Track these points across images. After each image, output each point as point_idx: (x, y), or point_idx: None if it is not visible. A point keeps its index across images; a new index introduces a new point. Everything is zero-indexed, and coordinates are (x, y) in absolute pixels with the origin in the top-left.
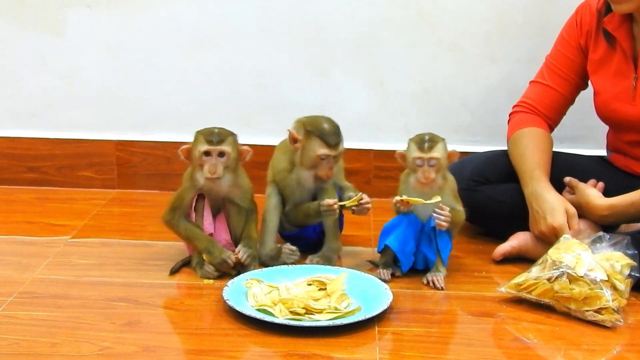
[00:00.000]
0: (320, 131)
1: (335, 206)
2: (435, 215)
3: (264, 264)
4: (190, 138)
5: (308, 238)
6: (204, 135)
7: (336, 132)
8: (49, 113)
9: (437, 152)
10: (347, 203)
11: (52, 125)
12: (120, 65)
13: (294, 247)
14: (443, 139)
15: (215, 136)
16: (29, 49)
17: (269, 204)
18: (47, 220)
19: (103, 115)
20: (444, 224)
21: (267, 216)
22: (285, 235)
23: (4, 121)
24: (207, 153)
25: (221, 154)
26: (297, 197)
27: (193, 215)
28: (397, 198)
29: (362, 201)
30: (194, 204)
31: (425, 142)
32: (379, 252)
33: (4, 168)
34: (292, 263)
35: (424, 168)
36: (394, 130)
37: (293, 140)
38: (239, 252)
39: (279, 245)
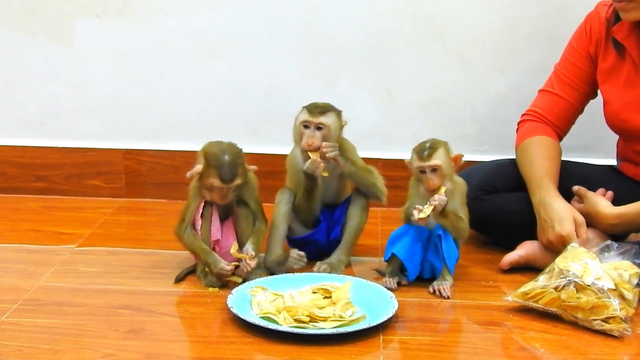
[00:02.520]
0: (307, 105)
1: (317, 159)
2: (435, 197)
3: (270, 271)
4: (196, 147)
5: (317, 242)
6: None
7: (320, 105)
8: (57, 122)
9: (437, 159)
10: (312, 155)
11: (61, 134)
12: (128, 74)
13: (302, 253)
14: (445, 144)
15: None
16: (38, 59)
17: (279, 211)
18: (54, 229)
19: (111, 125)
20: (435, 202)
21: (276, 223)
22: (293, 239)
23: (13, 130)
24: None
25: None
26: (302, 184)
27: (199, 222)
28: (417, 216)
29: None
30: (201, 211)
31: (425, 150)
32: (386, 261)
33: (12, 177)
34: (299, 269)
35: (427, 176)
36: (402, 140)
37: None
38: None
39: (285, 252)
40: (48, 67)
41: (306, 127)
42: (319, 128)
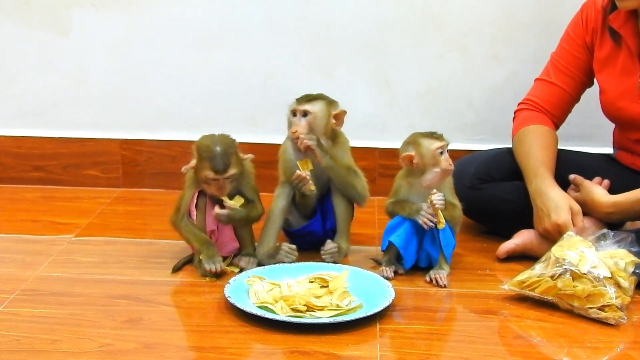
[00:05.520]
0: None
1: (304, 174)
2: (433, 199)
3: (261, 264)
4: (194, 137)
5: (314, 233)
6: None
7: (310, 94)
8: (54, 112)
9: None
10: (302, 169)
11: (58, 125)
12: (125, 64)
13: (293, 246)
14: None
15: None
16: (35, 49)
17: (276, 205)
18: (52, 219)
19: (108, 115)
20: (439, 205)
21: (272, 217)
22: (290, 231)
23: (10, 120)
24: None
25: None
26: (291, 174)
27: (194, 212)
28: (439, 227)
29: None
30: (195, 201)
31: (435, 132)
32: (383, 251)
33: (9, 167)
34: (290, 262)
35: (446, 156)
36: (400, 129)
37: None
38: (239, 261)
39: (277, 245)
40: (45, 57)
41: (294, 115)
42: (304, 115)
